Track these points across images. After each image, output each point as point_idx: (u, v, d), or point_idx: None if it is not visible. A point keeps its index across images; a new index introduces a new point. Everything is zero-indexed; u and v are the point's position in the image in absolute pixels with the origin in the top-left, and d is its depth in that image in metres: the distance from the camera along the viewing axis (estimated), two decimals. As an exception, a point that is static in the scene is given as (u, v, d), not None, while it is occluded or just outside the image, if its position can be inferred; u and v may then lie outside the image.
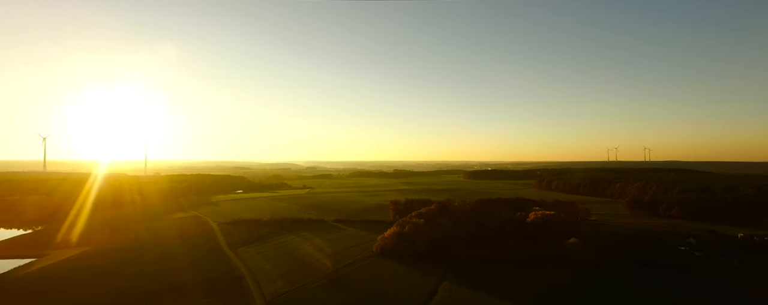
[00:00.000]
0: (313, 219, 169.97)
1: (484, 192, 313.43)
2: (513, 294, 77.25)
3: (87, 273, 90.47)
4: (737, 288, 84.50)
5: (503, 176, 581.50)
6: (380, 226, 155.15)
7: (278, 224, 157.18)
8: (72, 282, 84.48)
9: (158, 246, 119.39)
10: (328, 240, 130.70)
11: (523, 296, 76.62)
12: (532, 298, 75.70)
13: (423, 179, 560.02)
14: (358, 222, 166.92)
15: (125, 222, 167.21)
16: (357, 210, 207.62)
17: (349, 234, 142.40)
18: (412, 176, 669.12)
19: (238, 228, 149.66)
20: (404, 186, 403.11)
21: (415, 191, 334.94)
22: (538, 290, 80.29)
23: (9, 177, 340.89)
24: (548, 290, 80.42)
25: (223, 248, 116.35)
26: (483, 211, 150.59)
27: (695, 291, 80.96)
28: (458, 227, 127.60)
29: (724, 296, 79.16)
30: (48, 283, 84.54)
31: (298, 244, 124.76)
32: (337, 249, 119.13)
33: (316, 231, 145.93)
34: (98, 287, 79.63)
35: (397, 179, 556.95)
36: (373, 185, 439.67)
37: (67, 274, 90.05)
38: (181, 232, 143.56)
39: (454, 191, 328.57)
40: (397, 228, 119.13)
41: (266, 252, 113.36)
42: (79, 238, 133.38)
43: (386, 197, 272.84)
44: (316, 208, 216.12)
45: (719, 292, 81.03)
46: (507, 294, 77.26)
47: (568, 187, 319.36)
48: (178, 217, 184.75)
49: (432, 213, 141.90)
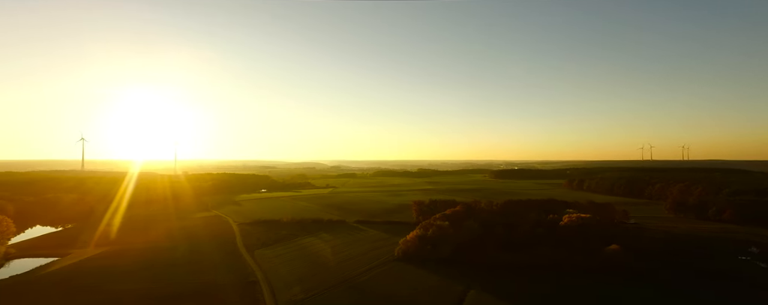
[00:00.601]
0: (333, 220, 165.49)
1: (512, 192, 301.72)
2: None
3: (99, 275, 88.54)
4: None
5: (531, 176, 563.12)
6: (403, 228, 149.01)
7: (298, 225, 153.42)
8: (84, 284, 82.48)
9: (175, 247, 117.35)
10: (349, 243, 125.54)
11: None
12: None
13: (447, 179, 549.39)
14: (379, 224, 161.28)
15: (149, 221, 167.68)
16: (379, 211, 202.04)
17: (370, 236, 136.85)
18: (437, 175, 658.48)
19: (257, 229, 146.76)
20: (428, 186, 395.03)
21: (439, 191, 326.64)
22: (582, 302, 72.02)
23: (48, 176, 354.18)
24: (596, 303, 71.99)
25: (240, 250, 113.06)
26: (512, 213, 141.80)
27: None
28: (486, 231, 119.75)
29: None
30: (59, 286, 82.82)
31: (317, 247, 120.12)
32: (358, 252, 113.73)
33: (337, 233, 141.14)
34: (107, 291, 77.08)
35: (421, 179, 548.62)
36: (397, 184, 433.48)
37: (81, 275, 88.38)
38: (201, 232, 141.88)
39: (479, 191, 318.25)
40: (420, 231, 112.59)
41: (284, 255, 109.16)
42: (102, 237, 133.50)
43: (409, 198, 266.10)
44: (337, 208, 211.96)
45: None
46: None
47: (601, 187, 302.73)
48: (201, 216, 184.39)
49: (457, 215, 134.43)
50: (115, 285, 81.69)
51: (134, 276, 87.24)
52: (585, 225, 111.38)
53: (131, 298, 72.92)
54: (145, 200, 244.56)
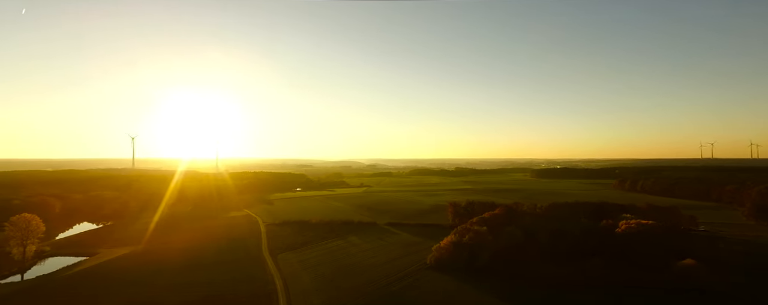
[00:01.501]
0: (364, 222, 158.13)
1: (557, 193, 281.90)
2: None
3: (111, 280, 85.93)
4: None
5: (575, 175, 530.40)
6: (437, 231, 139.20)
7: (326, 227, 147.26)
8: (101, 287, 79.73)
9: (199, 249, 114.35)
10: (378, 247, 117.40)
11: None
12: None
13: (486, 178, 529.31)
14: (412, 226, 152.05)
15: (180, 221, 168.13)
16: (413, 212, 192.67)
17: (402, 240, 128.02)
18: (474, 174, 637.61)
19: (284, 230, 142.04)
20: (465, 185, 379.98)
21: (477, 191, 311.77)
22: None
23: (98, 174, 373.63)
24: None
25: (263, 253, 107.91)
26: (558, 217, 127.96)
27: None
28: (528, 237, 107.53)
29: None
30: (78, 288, 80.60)
31: (344, 251, 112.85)
32: (387, 258, 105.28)
33: (366, 236, 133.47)
34: (121, 297, 73.30)
35: (458, 178, 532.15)
36: (433, 183, 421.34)
37: (93, 279, 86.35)
38: (228, 233, 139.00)
39: (521, 191, 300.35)
40: (455, 237, 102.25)
41: (308, 260, 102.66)
42: (131, 237, 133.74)
43: (445, 198, 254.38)
44: (369, 209, 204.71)
45: None
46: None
47: (658, 188, 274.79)
48: (232, 216, 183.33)
49: (497, 219, 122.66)
50: (123, 291, 78.30)
51: (145, 282, 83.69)
52: (647, 233, 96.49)
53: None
54: (181, 198, 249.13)
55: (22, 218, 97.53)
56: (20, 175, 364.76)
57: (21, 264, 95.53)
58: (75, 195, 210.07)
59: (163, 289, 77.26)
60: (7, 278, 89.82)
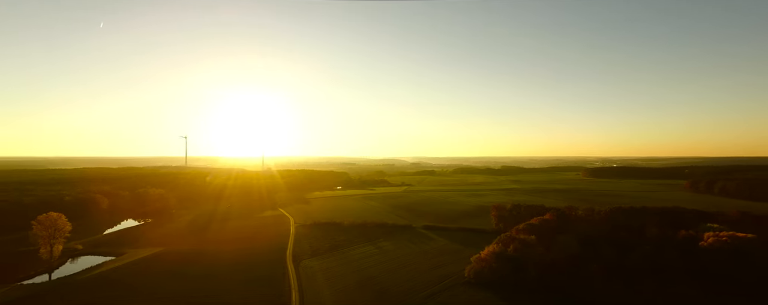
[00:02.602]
0: (398, 225, 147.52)
1: (617, 195, 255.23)
2: None
3: (129, 284, 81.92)
4: None
5: (635, 175, 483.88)
6: (479, 237, 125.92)
7: (358, 230, 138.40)
8: (106, 296, 75.36)
9: (223, 252, 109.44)
10: (411, 255, 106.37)
11: None
12: None
13: (534, 177, 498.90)
14: (452, 230, 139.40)
15: (213, 220, 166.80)
16: (454, 214, 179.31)
17: (438, 247, 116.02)
18: (522, 173, 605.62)
19: (314, 233, 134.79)
20: (512, 185, 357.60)
21: (524, 191, 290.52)
22: None
23: (152, 171, 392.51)
24: None
25: (286, 259, 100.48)
26: (622, 225, 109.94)
27: None
28: (586, 249, 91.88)
29: None
30: (92, 292, 76.89)
31: (372, 259, 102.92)
32: (419, 268, 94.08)
33: (399, 242, 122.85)
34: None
35: (505, 177, 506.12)
36: (477, 183, 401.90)
37: (110, 285, 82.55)
38: (255, 234, 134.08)
39: (573, 192, 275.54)
40: (499, 247, 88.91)
41: (332, 269, 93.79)
42: (162, 237, 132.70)
43: (489, 199, 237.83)
44: (407, 210, 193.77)
45: None
46: None
47: (742, 191, 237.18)
48: (266, 215, 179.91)
49: (547, 226, 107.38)
50: (134, 296, 73.33)
51: (152, 291, 78.50)
52: (743, 250, 77.75)
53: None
54: (222, 196, 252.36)
55: (48, 217, 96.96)
56: (87, 172, 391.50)
57: (48, 264, 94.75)
58: (123, 192, 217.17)
59: (168, 300, 71.28)
60: (33, 278, 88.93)
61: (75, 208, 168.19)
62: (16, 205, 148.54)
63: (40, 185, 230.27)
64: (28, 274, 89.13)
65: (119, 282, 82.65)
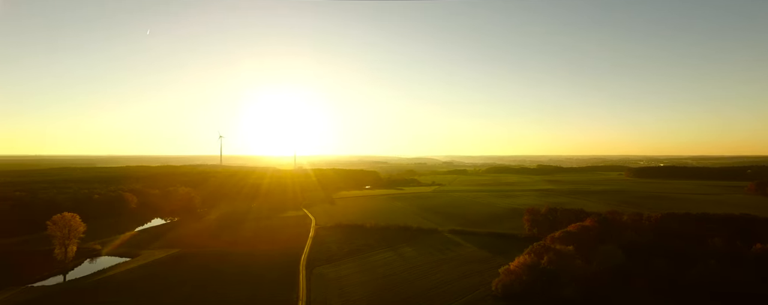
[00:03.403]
0: (423, 229, 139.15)
1: (666, 197, 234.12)
2: None
3: (131, 289, 78.81)
4: None
5: (686, 175, 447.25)
6: (510, 244, 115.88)
7: (380, 234, 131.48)
8: (110, 301, 72.28)
9: (236, 254, 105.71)
10: (434, 264, 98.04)
11: None
12: None
13: (573, 177, 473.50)
14: (480, 235, 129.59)
15: (235, 220, 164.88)
16: (484, 217, 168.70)
17: (466, 254, 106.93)
18: (559, 172, 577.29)
19: (333, 236, 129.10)
20: (548, 185, 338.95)
21: (561, 192, 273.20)
22: None
23: (185, 170, 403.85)
24: None
25: (300, 266, 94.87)
26: (677, 234, 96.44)
27: None
28: (634, 262, 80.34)
29: None
30: (94, 297, 74.30)
31: (391, 267, 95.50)
32: (441, 279, 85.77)
33: (422, 247, 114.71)
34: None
35: (541, 176, 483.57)
36: (510, 183, 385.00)
37: (113, 289, 79.93)
38: (273, 236, 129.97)
39: (616, 194, 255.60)
40: (531, 258, 78.95)
41: (347, 277, 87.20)
42: (180, 237, 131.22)
43: (523, 200, 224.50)
44: (434, 211, 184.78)
45: None
46: None
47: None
48: (288, 216, 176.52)
49: (587, 234, 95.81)
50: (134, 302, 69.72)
51: (160, 295, 74.82)
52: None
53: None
54: (249, 195, 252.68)
55: (62, 217, 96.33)
56: (128, 170, 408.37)
57: (63, 265, 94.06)
58: (153, 190, 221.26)
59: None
60: (46, 279, 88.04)
61: (104, 206, 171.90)
62: (48, 203, 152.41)
63: (80, 183, 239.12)
64: (41, 275, 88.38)
65: (124, 287, 79.86)
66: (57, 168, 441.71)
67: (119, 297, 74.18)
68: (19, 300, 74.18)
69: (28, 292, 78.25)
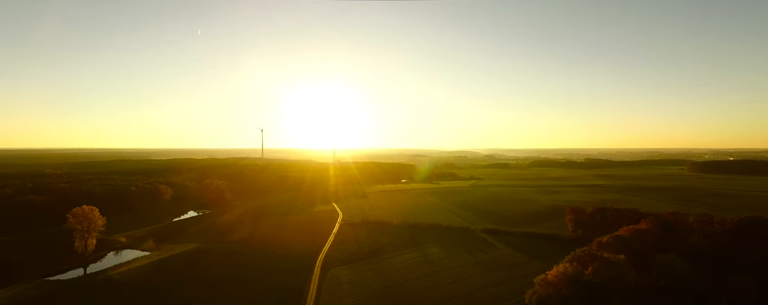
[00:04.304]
0: (454, 227, 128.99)
1: (740, 195, 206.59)
2: None
3: (138, 286, 75.75)
4: None
5: (762, 170, 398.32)
6: (550, 246, 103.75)
7: (407, 232, 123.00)
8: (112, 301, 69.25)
9: (254, 252, 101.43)
10: (461, 267, 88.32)
11: None
12: None
13: (625, 172, 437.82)
14: (517, 235, 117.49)
15: (263, 214, 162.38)
16: (522, 214, 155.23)
17: (497, 257, 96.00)
18: (610, 167, 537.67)
19: (357, 233, 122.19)
20: (597, 180, 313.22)
21: (612, 188, 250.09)
22: None
23: (224, 163, 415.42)
24: None
25: (315, 266, 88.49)
26: (759, 241, 79.88)
27: None
28: (704, 276, 66.29)
29: None
30: (98, 294, 71.76)
31: (414, 270, 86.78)
32: (468, 286, 76.12)
33: (451, 248, 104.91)
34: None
35: (589, 171, 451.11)
36: (555, 177, 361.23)
37: (122, 286, 77.13)
38: (297, 233, 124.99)
39: (678, 191, 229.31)
40: (573, 267, 66.99)
41: (361, 281, 79.63)
42: (207, 230, 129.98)
43: (568, 196, 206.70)
44: (468, 208, 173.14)
45: None
46: None
47: None
48: (316, 210, 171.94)
49: (643, 239, 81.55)
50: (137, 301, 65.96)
51: (167, 293, 71.04)
52: None
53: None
54: (283, 187, 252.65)
55: (81, 210, 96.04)
56: (172, 163, 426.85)
57: (83, 258, 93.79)
58: (190, 183, 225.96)
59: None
60: (65, 272, 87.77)
61: (140, 198, 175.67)
62: (86, 195, 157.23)
63: (124, 175, 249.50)
64: (60, 268, 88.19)
65: (131, 285, 77.10)
66: (113, 160, 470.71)
67: (126, 294, 71.32)
68: (31, 294, 73.29)
69: (42, 286, 77.45)
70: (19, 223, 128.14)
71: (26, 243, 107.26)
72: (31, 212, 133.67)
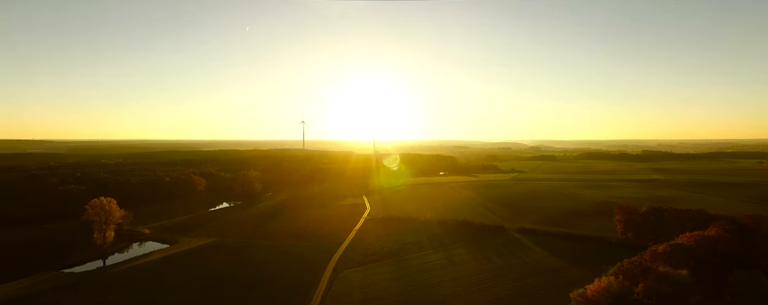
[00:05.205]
0: (486, 225, 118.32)
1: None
2: None
3: (145, 288, 72.60)
4: None
5: None
6: (595, 250, 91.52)
7: (434, 230, 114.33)
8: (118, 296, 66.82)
9: (269, 248, 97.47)
10: (488, 272, 78.75)
11: None
12: None
13: (688, 165, 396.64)
14: (556, 237, 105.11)
15: (289, 208, 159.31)
16: (564, 212, 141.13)
17: (532, 262, 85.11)
18: (670, 159, 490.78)
19: (380, 230, 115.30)
20: (654, 175, 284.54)
21: (672, 184, 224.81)
22: None
23: (262, 154, 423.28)
24: None
25: (327, 267, 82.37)
26: None
27: None
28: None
29: None
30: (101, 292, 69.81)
31: (434, 275, 78.31)
32: (495, 294, 66.92)
33: (481, 249, 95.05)
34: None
35: (645, 164, 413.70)
36: (605, 171, 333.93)
37: (133, 281, 75.05)
38: (319, 228, 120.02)
39: (756, 188, 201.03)
40: (619, 282, 55.50)
41: (376, 286, 72.44)
42: (232, 223, 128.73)
43: (618, 192, 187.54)
44: (504, 204, 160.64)
45: None
46: None
47: None
48: (343, 204, 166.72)
49: (712, 249, 67.60)
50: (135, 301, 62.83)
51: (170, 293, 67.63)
52: None
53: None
54: (316, 179, 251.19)
55: (99, 202, 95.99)
56: (218, 154, 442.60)
57: (101, 250, 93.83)
58: (225, 174, 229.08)
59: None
60: (84, 264, 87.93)
61: (174, 189, 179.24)
62: (123, 185, 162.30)
63: (166, 166, 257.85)
64: (78, 260, 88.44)
65: (137, 281, 74.92)
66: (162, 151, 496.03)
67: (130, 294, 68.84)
68: (41, 288, 72.69)
69: (56, 279, 77.11)
70: (58, 212, 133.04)
71: (54, 233, 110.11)
72: (71, 202, 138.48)
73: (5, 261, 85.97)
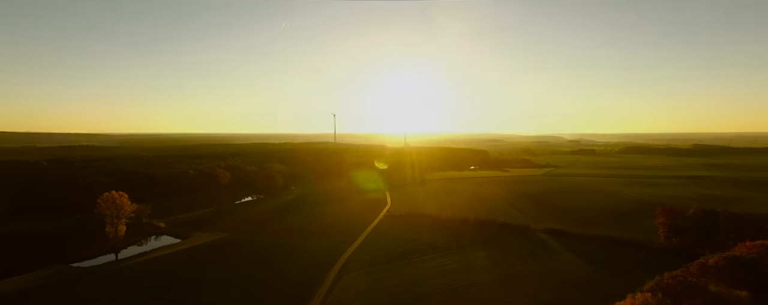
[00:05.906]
0: (510, 224, 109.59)
1: None
2: None
3: (144, 287, 69.99)
4: None
5: None
6: (632, 256, 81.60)
7: (453, 228, 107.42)
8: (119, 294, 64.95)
9: (277, 246, 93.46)
10: (506, 280, 71.12)
11: None
12: None
13: (748, 160, 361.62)
14: (588, 240, 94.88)
15: (310, 202, 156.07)
16: (600, 212, 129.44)
17: (558, 269, 76.37)
18: (724, 154, 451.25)
19: (396, 229, 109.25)
20: (705, 171, 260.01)
21: (728, 182, 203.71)
22: None
23: (296, 146, 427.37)
24: None
25: (332, 269, 77.33)
26: None
27: None
28: None
29: None
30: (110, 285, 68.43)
31: (448, 280, 71.53)
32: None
33: (502, 252, 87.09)
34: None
35: (696, 159, 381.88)
36: (650, 166, 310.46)
37: (125, 280, 72.79)
38: (333, 225, 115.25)
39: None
40: (658, 301, 46.63)
41: (379, 292, 66.55)
42: (250, 217, 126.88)
43: (664, 190, 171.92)
44: (533, 201, 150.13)
45: None
46: None
47: None
48: (365, 199, 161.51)
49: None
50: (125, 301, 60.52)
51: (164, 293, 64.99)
52: None
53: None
54: (342, 173, 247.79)
55: (111, 196, 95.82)
56: (251, 146, 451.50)
57: (113, 244, 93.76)
58: (250, 167, 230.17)
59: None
60: (95, 258, 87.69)
61: (198, 182, 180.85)
62: (149, 177, 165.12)
63: (195, 158, 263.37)
64: (89, 254, 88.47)
65: (137, 279, 72.88)
66: (198, 145, 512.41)
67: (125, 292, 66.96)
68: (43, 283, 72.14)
69: (60, 274, 76.65)
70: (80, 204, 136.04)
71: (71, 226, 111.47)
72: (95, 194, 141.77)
73: (16, 253, 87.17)
